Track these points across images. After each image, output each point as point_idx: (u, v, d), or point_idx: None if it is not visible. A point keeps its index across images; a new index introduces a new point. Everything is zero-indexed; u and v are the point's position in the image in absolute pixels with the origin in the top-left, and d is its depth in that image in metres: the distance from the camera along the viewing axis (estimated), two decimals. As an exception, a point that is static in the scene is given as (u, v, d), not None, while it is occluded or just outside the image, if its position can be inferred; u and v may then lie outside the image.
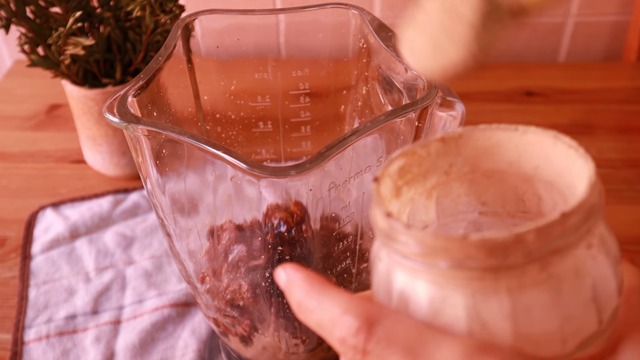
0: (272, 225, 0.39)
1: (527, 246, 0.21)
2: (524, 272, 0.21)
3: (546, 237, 0.21)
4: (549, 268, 0.21)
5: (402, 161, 0.26)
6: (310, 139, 0.50)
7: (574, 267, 0.22)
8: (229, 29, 0.45)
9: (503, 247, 0.21)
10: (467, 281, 0.22)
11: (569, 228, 0.21)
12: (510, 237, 0.21)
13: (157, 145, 0.35)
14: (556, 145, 0.25)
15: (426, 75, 0.24)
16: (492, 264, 0.21)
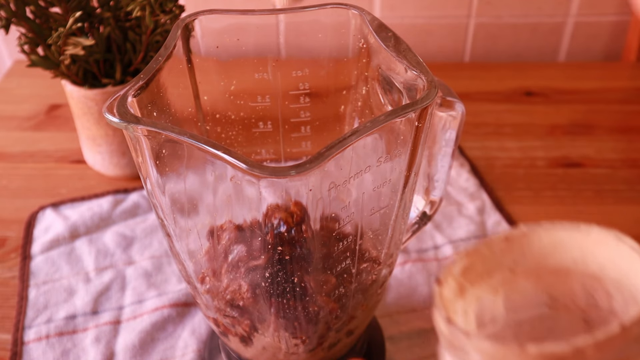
0: (272, 225, 0.39)
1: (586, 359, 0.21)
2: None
3: (606, 349, 0.21)
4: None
5: (466, 261, 0.26)
6: (310, 139, 0.50)
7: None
8: (229, 29, 0.45)
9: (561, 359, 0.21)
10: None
11: (629, 339, 0.21)
12: (569, 350, 0.20)
13: (157, 146, 0.35)
14: (619, 247, 0.25)
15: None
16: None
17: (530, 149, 0.75)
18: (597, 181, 0.70)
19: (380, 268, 0.42)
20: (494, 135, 0.77)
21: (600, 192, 0.69)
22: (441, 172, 0.46)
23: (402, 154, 0.37)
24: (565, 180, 0.70)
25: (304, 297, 0.39)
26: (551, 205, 0.67)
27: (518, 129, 0.78)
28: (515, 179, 0.70)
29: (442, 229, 0.63)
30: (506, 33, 0.93)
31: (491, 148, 0.75)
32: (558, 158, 0.73)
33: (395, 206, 0.39)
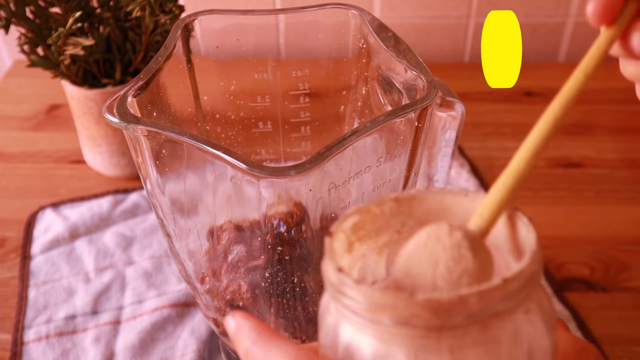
0: (271, 225, 0.39)
1: (470, 308, 0.22)
2: (466, 333, 0.22)
3: (488, 300, 0.22)
4: (489, 330, 0.23)
5: (357, 218, 0.27)
6: (310, 139, 0.50)
7: (513, 331, 0.23)
8: (229, 29, 0.45)
9: (447, 308, 0.22)
10: (411, 339, 0.23)
11: (510, 293, 0.22)
12: (454, 298, 0.22)
13: (156, 146, 0.35)
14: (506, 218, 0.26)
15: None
16: (435, 323, 0.22)
17: (530, 149, 0.74)
18: (597, 181, 0.70)
19: (380, 268, 0.42)
20: (494, 135, 0.77)
21: (600, 192, 0.69)
22: (441, 172, 0.46)
23: (402, 154, 0.37)
24: (565, 180, 0.70)
25: (304, 297, 0.39)
26: (551, 205, 0.67)
27: (518, 129, 0.78)
28: (515, 179, 0.70)
29: (442, 229, 0.63)
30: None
31: (491, 148, 0.75)
32: (558, 158, 0.73)
33: (395, 206, 0.39)
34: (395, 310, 0.22)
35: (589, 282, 0.58)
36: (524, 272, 0.23)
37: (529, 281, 0.23)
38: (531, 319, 0.23)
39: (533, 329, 0.23)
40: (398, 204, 0.28)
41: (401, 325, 0.22)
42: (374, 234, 0.28)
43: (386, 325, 0.23)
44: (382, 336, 0.23)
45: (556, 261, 0.60)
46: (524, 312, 0.23)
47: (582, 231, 0.64)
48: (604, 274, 0.59)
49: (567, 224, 0.65)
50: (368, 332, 0.23)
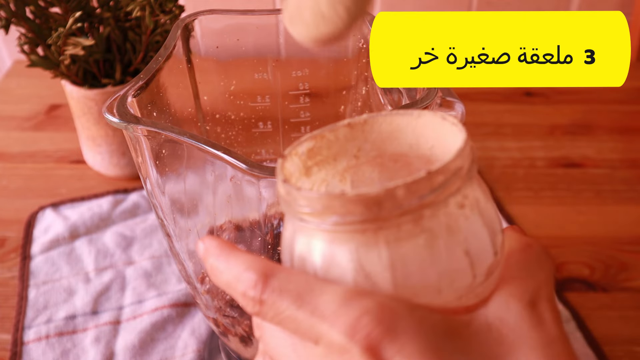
0: (271, 225, 0.39)
1: (398, 200, 0.23)
2: (399, 225, 0.24)
3: (415, 192, 0.23)
4: (421, 222, 0.24)
5: (312, 143, 0.28)
6: (310, 139, 0.50)
7: (446, 224, 0.24)
8: (229, 29, 0.45)
9: (376, 201, 0.23)
10: (351, 235, 0.24)
11: (436, 185, 0.24)
12: (382, 191, 0.23)
13: (156, 146, 0.35)
14: (443, 125, 0.27)
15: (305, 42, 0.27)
16: (368, 217, 0.23)
17: (530, 149, 0.75)
18: (597, 181, 0.70)
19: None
20: (494, 135, 0.77)
21: (600, 192, 0.69)
22: (441, 172, 0.46)
23: (402, 154, 0.37)
24: (565, 180, 0.70)
25: (304, 297, 0.39)
26: (551, 205, 0.67)
27: (518, 129, 0.78)
28: (515, 179, 0.70)
29: (442, 229, 0.63)
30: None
31: (491, 148, 0.75)
32: (558, 158, 0.73)
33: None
34: (333, 209, 0.24)
35: (589, 282, 0.58)
36: (448, 166, 0.24)
37: (455, 175, 0.24)
38: (466, 214, 0.25)
39: (468, 223, 0.25)
40: (352, 129, 0.29)
41: (340, 223, 0.24)
42: (331, 159, 0.29)
43: (328, 226, 0.24)
44: (327, 237, 0.25)
45: (556, 261, 0.60)
46: (457, 206, 0.24)
47: (582, 231, 0.64)
48: (604, 274, 0.59)
49: (567, 224, 0.65)
50: (315, 235, 0.25)
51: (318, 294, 0.24)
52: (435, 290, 0.24)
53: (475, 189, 0.26)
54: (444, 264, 0.24)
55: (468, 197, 0.25)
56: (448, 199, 0.24)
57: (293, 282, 0.25)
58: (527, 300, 0.25)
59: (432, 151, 0.28)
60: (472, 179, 0.25)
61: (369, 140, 0.29)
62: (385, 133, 0.29)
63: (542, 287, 0.26)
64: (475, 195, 0.25)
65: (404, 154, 0.29)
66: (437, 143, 0.28)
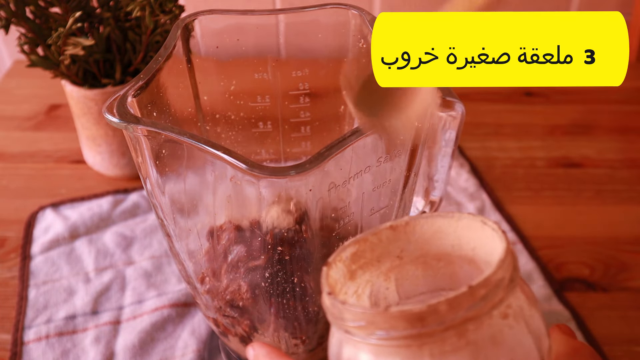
0: (272, 225, 0.39)
1: (441, 315, 0.24)
2: (444, 339, 0.24)
3: (457, 307, 0.24)
4: (466, 335, 0.24)
5: (355, 248, 0.29)
6: (310, 139, 0.50)
7: (491, 335, 0.24)
8: (229, 29, 0.45)
9: (419, 317, 0.24)
10: (396, 349, 0.24)
11: (478, 299, 0.24)
12: (425, 308, 0.23)
13: (156, 146, 0.35)
14: (484, 229, 0.28)
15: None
16: (412, 332, 0.24)
17: (530, 149, 0.75)
18: (597, 181, 0.70)
19: (380, 268, 0.42)
20: (494, 135, 0.77)
21: (600, 192, 0.69)
22: (441, 172, 0.46)
23: (402, 154, 0.37)
24: (565, 180, 0.70)
25: (304, 297, 0.39)
26: (551, 205, 0.67)
27: (518, 129, 0.78)
28: (515, 179, 0.70)
29: (442, 229, 0.63)
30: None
31: (491, 148, 0.75)
32: (558, 158, 0.73)
33: (395, 206, 0.39)
34: (377, 325, 0.24)
35: (589, 282, 0.58)
36: (489, 279, 0.24)
37: (497, 287, 0.24)
38: (510, 323, 0.25)
39: (513, 332, 0.25)
40: (394, 232, 0.30)
41: (384, 338, 0.24)
42: (375, 261, 0.30)
43: (374, 340, 0.25)
44: (374, 351, 0.25)
45: (556, 261, 0.60)
46: (501, 317, 0.24)
47: (582, 231, 0.64)
48: (604, 274, 0.59)
49: (567, 224, 0.65)
50: (362, 348, 0.25)
51: None
52: None
53: (519, 297, 0.26)
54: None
55: (511, 306, 0.25)
56: (491, 310, 0.24)
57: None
58: None
59: (474, 252, 0.28)
60: (515, 288, 0.25)
61: (411, 241, 0.30)
62: (427, 234, 0.30)
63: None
64: (518, 304, 0.25)
65: (446, 253, 0.29)
66: (478, 245, 0.28)
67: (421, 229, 0.30)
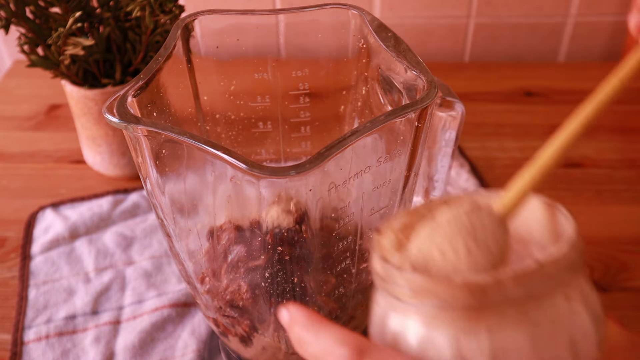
0: (272, 225, 0.39)
1: (506, 289, 0.23)
2: (503, 314, 0.23)
3: (523, 282, 0.23)
4: (527, 313, 0.23)
5: (407, 219, 0.28)
6: (310, 139, 0.50)
7: (552, 316, 0.24)
8: (229, 29, 0.45)
9: (483, 289, 0.23)
10: (452, 321, 0.24)
11: (545, 276, 0.23)
12: (490, 279, 0.23)
13: (156, 146, 0.35)
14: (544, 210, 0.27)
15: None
16: (473, 304, 0.23)
17: (530, 149, 0.75)
18: (597, 181, 0.70)
19: (380, 268, 0.42)
20: (494, 135, 0.77)
21: (600, 192, 0.69)
22: (441, 172, 0.46)
23: (402, 154, 0.37)
24: (565, 180, 0.70)
25: (304, 297, 0.39)
26: (551, 206, 0.67)
27: (518, 129, 0.78)
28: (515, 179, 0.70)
29: (442, 229, 0.63)
30: (506, 33, 0.93)
31: (491, 148, 0.75)
32: (558, 158, 0.73)
33: (395, 206, 0.39)
34: (436, 293, 0.23)
35: (589, 282, 0.58)
36: (559, 257, 0.23)
37: (566, 268, 0.24)
38: (573, 307, 0.24)
39: (575, 317, 0.24)
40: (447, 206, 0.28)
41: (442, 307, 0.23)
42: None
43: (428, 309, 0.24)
44: (426, 320, 0.24)
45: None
46: (564, 299, 0.24)
47: (582, 231, 0.63)
48: (603, 274, 0.59)
49: (567, 224, 0.65)
50: (413, 317, 0.25)
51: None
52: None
53: (581, 281, 0.25)
54: (546, 356, 0.24)
55: (575, 290, 0.25)
56: (556, 290, 0.24)
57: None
58: None
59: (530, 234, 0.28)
60: (580, 271, 0.25)
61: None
62: None
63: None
64: (581, 287, 0.25)
65: None
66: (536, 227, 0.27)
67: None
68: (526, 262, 0.23)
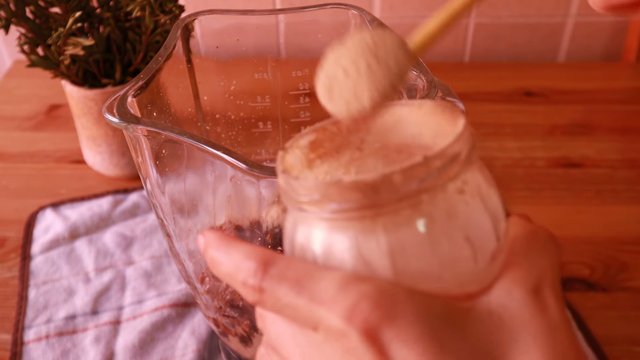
0: (272, 225, 0.39)
1: (395, 185, 0.23)
2: (397, 211, 0.23)
3: (411, 177, 0.23)
4: (420, 208, 0.24)
5: (313, 136, 0.28)
6: (310, 139, 0.50)
7: (446, 209, 0.24)
8: (229, 29, 0.45)
9: (373, 187, 0.23)
10: (349, 223, 0.24)
11: (432, 170, 0.23)
12: (379, 176, 0.23)
13: (156, 146, 0.35)
14: (444, 113, 0.27)
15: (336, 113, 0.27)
16: (365, 203, 0.23)
17: (530, 149, 0.75)
18: (597, 181, 0.70)
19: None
20: (494, 135, 0.77)
21: (600, 192, 0.69)
22: (441, 172, 0.46)
23: (402, 154, 0.37)
24: (565, 180, 0.70)
25: (304, 297, 0.39)
26: (551, 205, 0.67)
27: (518, 129, 0.78)
28: (515, 179, 0.70)
29: (442, 229, 0.63)
30: (506, 33, 0.93)
31: (491, 148, 0.75)
32: (558, 158, 0.73)
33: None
34: (330, 197, 0.24)
35: (589, 282, 0.58)
36: (445, 151, 0.24)
37: (453, 161, 0.24)
38: (466, 199, 0.24)
39: (469, 209, 0.24)
40: (354, 121, 0.28)
41: (338, 211, 0.24)
42: (334, 152, 0.28)
43: (327, 214, 0.24)
44: (326, 227, 0.25)
45: (556, 261, 0.60)
46: (457, 192, 0.24)
47: (582, 231, 0.64)
48: (604, 274, 0.59)
49: (567, 224, 0.65)
50: (315, 225, 0.25)
51: (317, 280, 0.24)
52: (435, 277, 0.24)
53: (477, 175, 0.25)
54: (444, 250, 0.24)
55: (468, 183, 0.25)
56: (447, 184, 0.24)
57: (292, 270, 0.25)
58: (531, 287, 0.25)
59: (434, 140, 0.27)
60: (472, 165, 0.25)
61: (372, 132, 0.29)
62: (388, 123, 0.28)
63: (547, 274, 0.25)
64: (476, 182, 0.25)
65: (407, 144, 0.28)
66: (439, 132, 0.27)
67: (382, 118, 0.28)
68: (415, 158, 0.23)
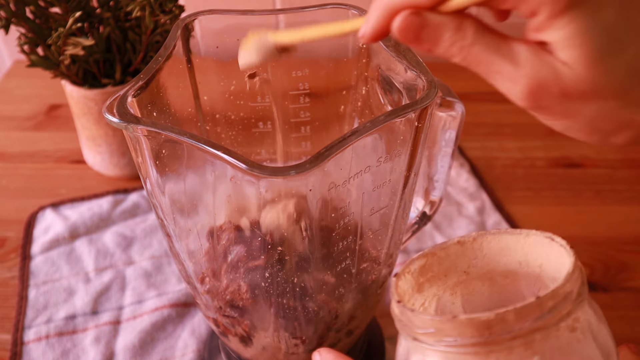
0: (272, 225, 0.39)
1: (508, 324, 0.24)
2: (511, 348, 0.24)
3: (525, 316, 0.24)
4: (533, 345, 0.25)
5: (423, 261, 0.30)
6: (310, 139, 0.50)
7: (558, 347, 0.25)
8: (229, 29, 0.45)
9: (487, 325, 0.24)
10: (463, 356, 0.25)
11: (545, 310, 0.24)
12: (493, 316, 0.24)
13: (156, 146, 0.35)
14: (552, 246, 0.29)
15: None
16: (480, 340, 0.24)
17: (530, 149, 0.75)
18: (597, 181, 0.70)
19: (380, 268, 0.42)
20: (494, 135, 0.77)
21: (600, 192, 0.69)
22: (441, 172, 0.46)
23: (402, 154, 0.37)
24: (565, 180, 0.70)
25: (304, 297, 0.39)
26: (551, 206, 0.67)
27: (518, 129, 0.78)
28: (515, 179, 0.70)
29: (442, 229, 0.63)
30: (506, 33, 0.93)
31: (491, 148, 0.75)
32: (558, 158, 0.73)
33: (395, 206, 0.39)
34: (445, 332, 0.25)
35: (589, 282, 0.58)
36: (557, 291, 0.25)
37: (565, 300, 0.25)
38: (578, 337, 0.25)
39: (581, 346, 0.25)
40: (462, 247, 0.30)
41: (452, 344, 0.25)
42: (442, 275, 0.30)
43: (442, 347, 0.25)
44: (441, 357, 0.26)
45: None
46: (568, 329, 0.25)
47: (582, 231, 0.64)
48: (604, 274, 0.59)
49: (567, 224, 0.65)
50: (430, 355, 0.26)
51: None
52: None
53: (587, 311, 0.26)
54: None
55: (579, 320, 0.25)
56: (559, 322, 0.25)
57: None
58: None
59: (541, 269, 0.29)
60: (582, 302, 0.26)
61: (478, 257, 0.30)
62: (494, 250, 0.30)
63: None
64: (587, 318, 0.26)
65: (513, 270, 0.30)
66: (545, 262, 0.29)
67: (488, 245, 0.30)
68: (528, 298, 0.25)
